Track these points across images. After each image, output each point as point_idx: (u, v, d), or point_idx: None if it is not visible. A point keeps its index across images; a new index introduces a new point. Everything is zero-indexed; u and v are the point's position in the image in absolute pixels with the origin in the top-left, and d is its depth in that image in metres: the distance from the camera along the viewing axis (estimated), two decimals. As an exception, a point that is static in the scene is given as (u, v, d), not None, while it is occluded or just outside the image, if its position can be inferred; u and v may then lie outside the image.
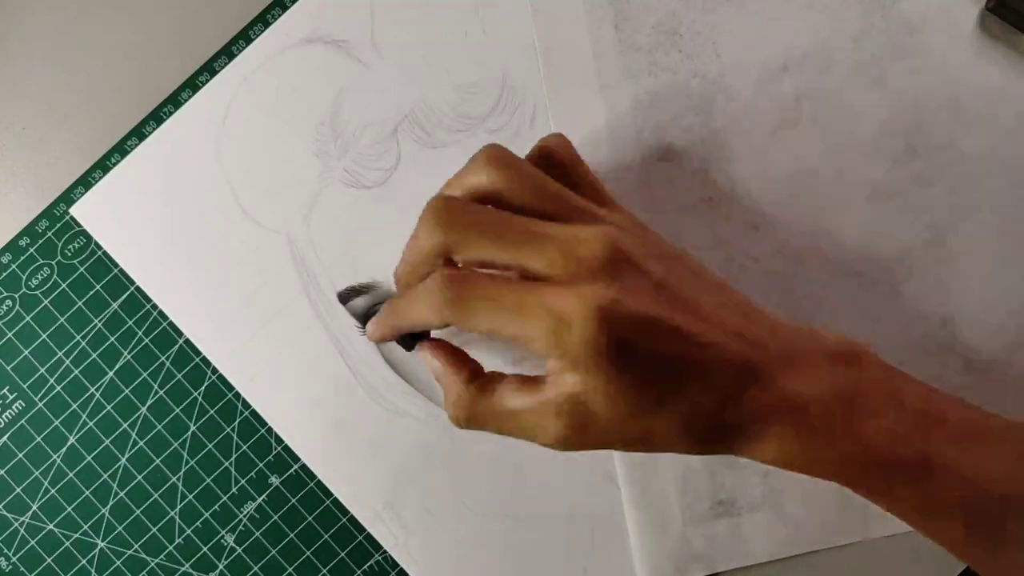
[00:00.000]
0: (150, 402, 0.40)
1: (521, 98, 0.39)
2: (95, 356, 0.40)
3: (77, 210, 0.40)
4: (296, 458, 0.40)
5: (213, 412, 0.40)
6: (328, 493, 0.39)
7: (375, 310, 0.39)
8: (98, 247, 0.40)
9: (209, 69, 0.40)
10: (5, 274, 0.40)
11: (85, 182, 0.40)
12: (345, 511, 0.39)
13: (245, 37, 0.40)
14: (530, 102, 0.39)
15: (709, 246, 0.39)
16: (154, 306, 0.40)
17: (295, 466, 0.40)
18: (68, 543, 0.40)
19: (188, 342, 0.40)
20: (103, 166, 0.40)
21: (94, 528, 0.40)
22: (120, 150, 0.40)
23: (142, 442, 0.40)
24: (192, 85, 0.40)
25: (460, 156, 0.39)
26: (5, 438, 0.40)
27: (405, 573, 0.39)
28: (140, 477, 0.40)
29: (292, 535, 0.40)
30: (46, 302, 0.40)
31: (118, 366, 0.40)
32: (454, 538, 0.39)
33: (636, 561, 0.38)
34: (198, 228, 0.40)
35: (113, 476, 0.40)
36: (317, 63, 0.39)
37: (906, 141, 0.39)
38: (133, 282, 0.40)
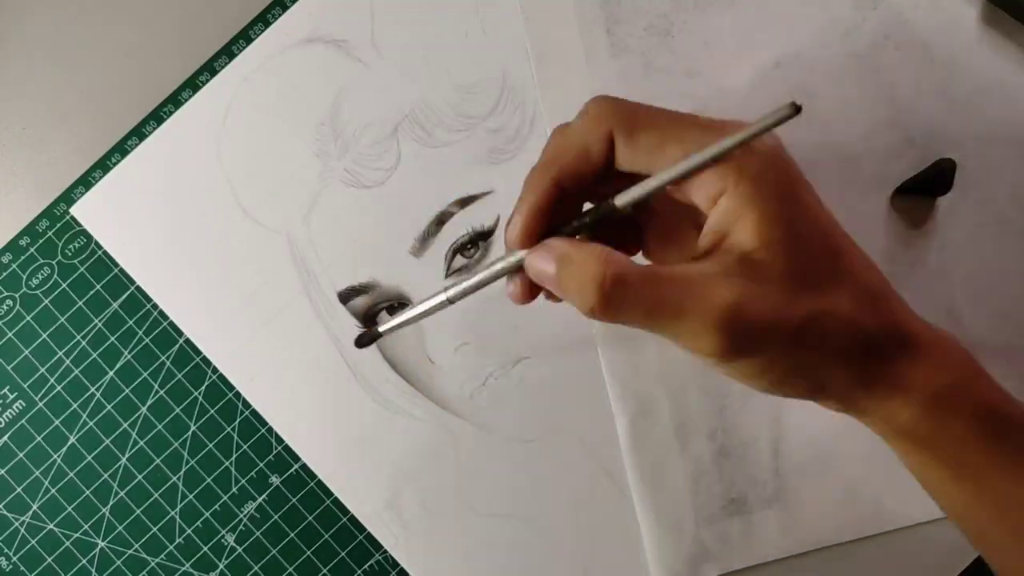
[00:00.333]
0: (150, 402, 0.40)
1: (521, 98, 0.39)
2: (95, 356, 0.40)
3: (77, 210, 0.40)
4: (296, 458, 0.40)
5: (213, 412, 0.40)
6: (328, 493, 0.40)
7: (375, 310, 0.39)
8: (98, 247, 0.40)
9: (209, 69, 0.40)
10: (5, 274, 0.40)
11: (85, 182, 0.40)
12: (345, 511, 0.39)
13: (245, 37, 0.40)
14: (530, 102, 0.39)
15: (709, 246, 0.39)
16: (154, 306, 0.40)
17: (295, 466, 0.40)
18: (68, 543, 0.40)
19: (188, 342, 0.40)
20: (103, 166, 0.40)
21: (94, 528, 0.40)
22: (120, 150, 0.40)
23: (142, 442, 0.40)
24: (192, 85, 0.40)
25: (460, 156, 0.39)
26: (5, 438, 0.40)
27: (405, 573, 0.39)
28: (140, 477, 0.40)
29: (292, 535, 0.40)
30: (46, 302, 0.40)
31: (118, 366, 0.40)
32: (454, 537, 0.39)
33: (650, 562, 0.39)
34: (198, 228, 0.40)
35: (113, 476, 0.40)
36: (317, 63, 0.39)
37: (904, 133, 0.39)
38: (133, 282, 0.40)
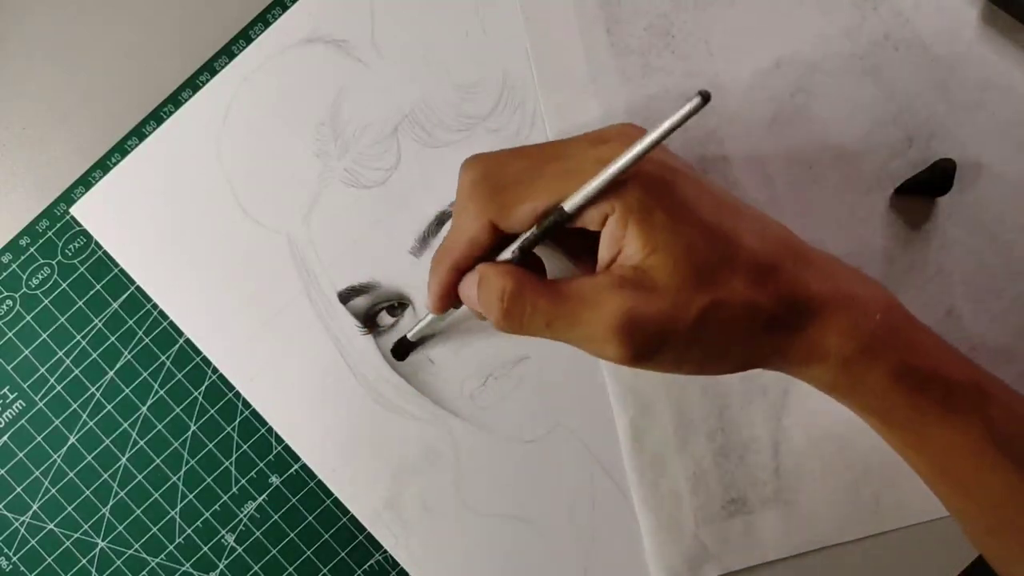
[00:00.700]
0: (150, 402, 0.40)
1: (521, 98, 0.39)
2: (95, 356, 0.40)
3: (77, 210, 0.40)
4: (296, 458, 0.40)
5: (213, 412, 0.40)
6: (328, 493, 0.39)
7: (375, 310, 0.39)
8: (98, 247, 0.40)
9: (209, 69, 0.40)
10: (5, 274, 0.40)
11: (85, 182, 0.40)
12: (345, 511, 0.39)
13: (245, 37, 0.40)
14: (530, 102, 0.39)
15: (709, 246, 0.39)
16: (154, 306, 0.40)
17: (295, 466, 0.40)
18: (68, 543, 0.40)
19: (188, 342, 0.40)
20: (103, 166, 0.40)
21: (94, 528, 0.40)
22: (120, 150, 0.40)
23: (142, 442, 0.40)
24: (192, 85, 0.40)
25: (460, 156, 0.39)
26: (5, 438, 0.40)
27: (405, 573, 0.39)
28: (140, 477, 0.40)
29: (292, 535, 0.40)
30: (46, 302, 0.40)
31: (118, 366, 0.40)
32: (454, 537, 0.39)
33: (650, 563, 0.39)
34: (198, 228, 0.40)
35: (113, 476, 0.40)
36: (317, 63, 0.39)
37: (903, 131, 0.39)
38: (133, 282, 0.40)
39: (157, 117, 0.40)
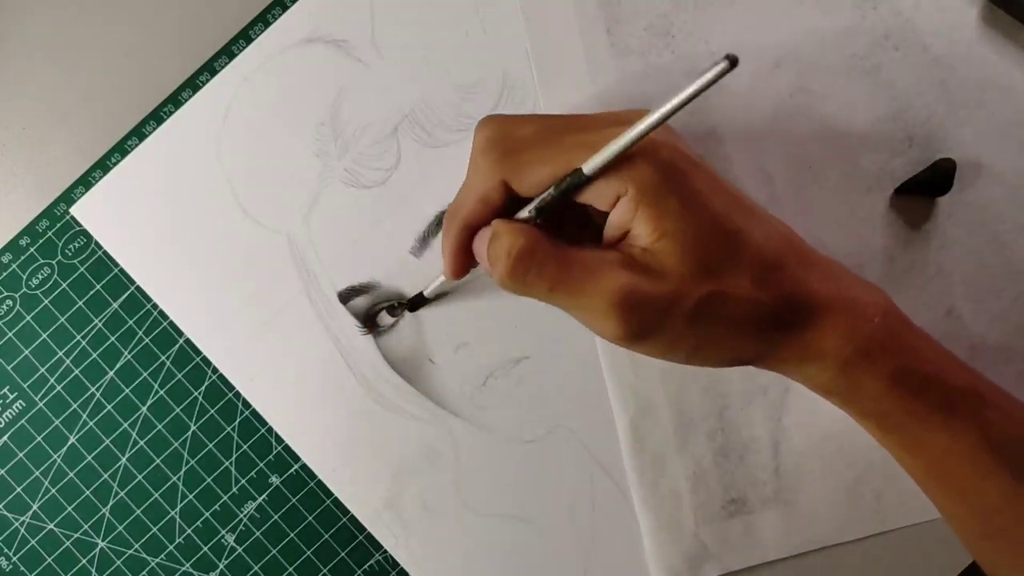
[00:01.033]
0: (150, 402, 0.40)
1: (521, 98, 0.39)
2: (95, 356, 0.40)
3: (77, 210, 0.40)
4: (296, 458, 0.40)
5: (213, 412, 0.40)
6: (328, 493, 0.39)
7: (375, 310, 0.39)
8: (98, 247, 0.40)
9: (209, 69, 0.40)
10: (5, 274, 0.40)
11: (85, 182, 0.40)
12: (345, 511, 0.39)
13: (245, 37, 0.40)
14: (530, 102, 0.39)
15: (709, 246, 0.39)
16: (154, 306, 0.40)
17: (295, 466, 0.40)
18: (68, 543, 0.40)
19: (188, 342, 0.40)
20: (103, 166, 0.40)
21: (94, 528, 0.40)
22: (120, 150, 0.40)
23: (142, 442, 0.40)
24: (192, 85, 0.40)
25: (460, 156, 0.39)
26: (5, 438, 0.40)
27: (405, 573, 0.39)
28: (140, 477, 0.40)
29: (292, 535, 0.40)
30: (46, 302, 0.40)
31: (118, 366, 0.40)
32: (454, 537, 0.39)
33: (650, 563, 0.39)
34: (198, 228, 0.40)
35: (113, 476, 0.40)
36: (317, 63, 0.39)
37: (904, 131, 0.39)
38: (133, 282, 0.40)
39: (157, 117, 0.40)
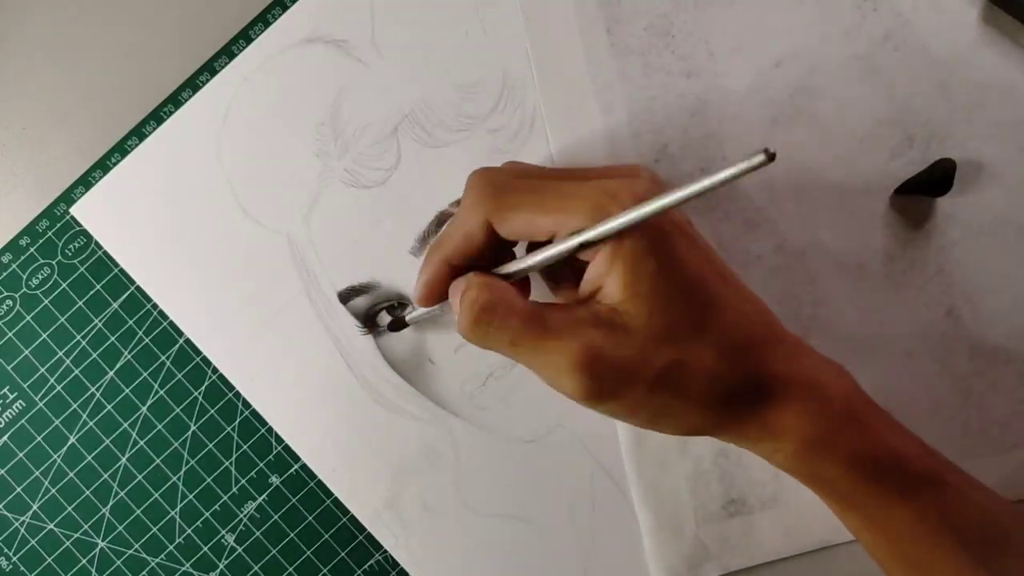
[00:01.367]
0: (150, 402, 0.40)
1: (521, 98, 0.39)
2: (95, 356, 0.40)
3: (77, 210, 0.40)
4: (296, 458, 0.40)
5: (213, 412, 0.40)
6: (328, 493, 0.40)
7: (375, 310, 0.39)
8: (98, 247, 0.40)
9: (209, 69, 0.40)
10: (5, 274, 0.40)
11: (85, 182, 0.40)
12: (345, 511, 0.39)
13: (245, 37, 0.40)
14: (530, 102, 0.39)
15: (709, 246, 0.39)
16: (154, 306, 0.40)
17: (295, 466, 0.40)
18: (68, 543, 0.40)
19: (188, 342, 0.40)
20: (103, 166, 0.40)
21: (94, 528, 0.40)
22: (120, 150, 0.40)
23: (142, 442, 0.40)
24: (192, 85, 0.40)
25: (460, 156, 0.39)
26: (5, 438, 0.40)
27: (405, 573, 0.39)
28: (140, 477, 0.40)
29: (292, 535, 0.40)
30: (46, 302, 0.40)
31: (118, 366, 0.40)
32: (454, 537, 0.39)
33: (650, 563, 0.39)
34: (198, 228, 0.40)
35: (113, 476, 0.40)
36: (317, 63, 0.39)
37: (903, 132, 0.39)
38: (133, 282, 0.40)
39: (157, 117, 0.40)
